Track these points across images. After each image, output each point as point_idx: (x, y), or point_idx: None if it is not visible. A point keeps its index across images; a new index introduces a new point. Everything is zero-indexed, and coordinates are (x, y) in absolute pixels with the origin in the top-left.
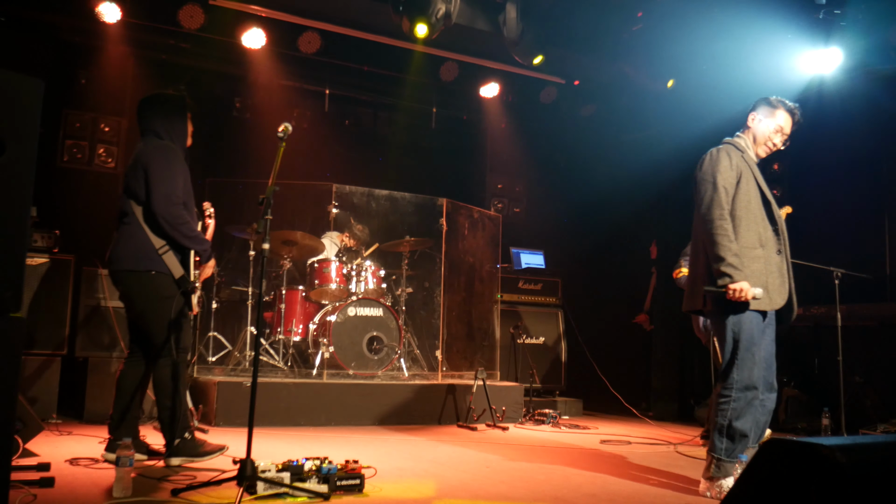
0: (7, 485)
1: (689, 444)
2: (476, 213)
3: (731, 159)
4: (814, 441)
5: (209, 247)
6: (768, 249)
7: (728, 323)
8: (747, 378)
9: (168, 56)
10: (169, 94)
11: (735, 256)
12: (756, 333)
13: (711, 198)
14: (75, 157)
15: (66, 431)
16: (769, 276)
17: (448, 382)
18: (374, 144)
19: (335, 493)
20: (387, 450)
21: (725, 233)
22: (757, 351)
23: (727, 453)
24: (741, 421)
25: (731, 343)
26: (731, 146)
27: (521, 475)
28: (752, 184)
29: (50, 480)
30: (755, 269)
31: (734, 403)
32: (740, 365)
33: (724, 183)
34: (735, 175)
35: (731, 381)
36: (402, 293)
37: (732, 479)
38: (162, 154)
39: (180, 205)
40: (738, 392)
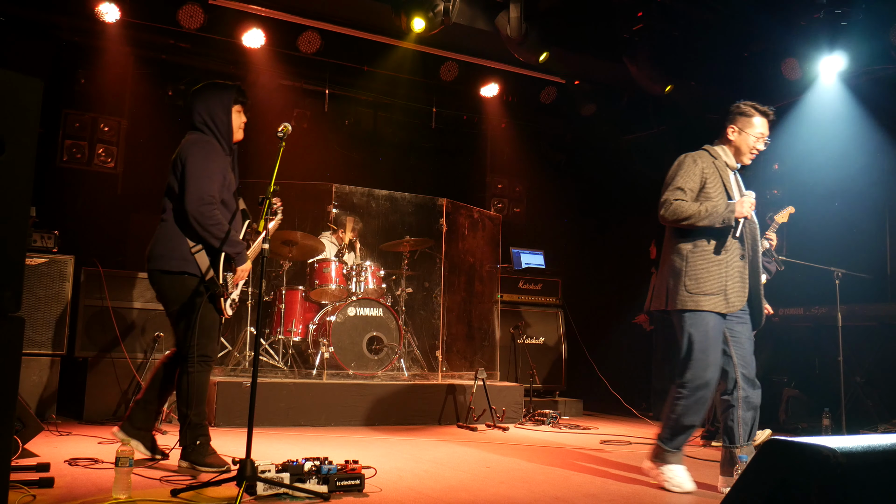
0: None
1: (689, 444)
2: (476, 213)
3: (697, 164)
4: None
5: (243, 249)
6: (731, 254)
7: (686, 324)
8: (701, 377)
9: (168, 56)
10: (216, 83)
11: (706, 205)
12: (712, 335)
13: (670, 193)
14: (75, 157)
15: (65, 432)
16: (729, 280)
17: (448, 382)
18: (373, 144)
19: (335, 493)
20: (386, 450)
21: (686, 204)
22: (711, 353)
23: (669, 443)
24: (689, 417)
25: (687, 343)
26: (703, 152)
27: (521, 475)
28: (718, 189)
29: (49, 480)
30: (715, 271)
31: (685, 401)
32: (694, 364)
33: (684, 185)
34: (699, 179)
35: (685, 379)
36: (402, 293)
37: (671, 466)
38: (199, 149)
39: (213, 204)
40: (691, 390)
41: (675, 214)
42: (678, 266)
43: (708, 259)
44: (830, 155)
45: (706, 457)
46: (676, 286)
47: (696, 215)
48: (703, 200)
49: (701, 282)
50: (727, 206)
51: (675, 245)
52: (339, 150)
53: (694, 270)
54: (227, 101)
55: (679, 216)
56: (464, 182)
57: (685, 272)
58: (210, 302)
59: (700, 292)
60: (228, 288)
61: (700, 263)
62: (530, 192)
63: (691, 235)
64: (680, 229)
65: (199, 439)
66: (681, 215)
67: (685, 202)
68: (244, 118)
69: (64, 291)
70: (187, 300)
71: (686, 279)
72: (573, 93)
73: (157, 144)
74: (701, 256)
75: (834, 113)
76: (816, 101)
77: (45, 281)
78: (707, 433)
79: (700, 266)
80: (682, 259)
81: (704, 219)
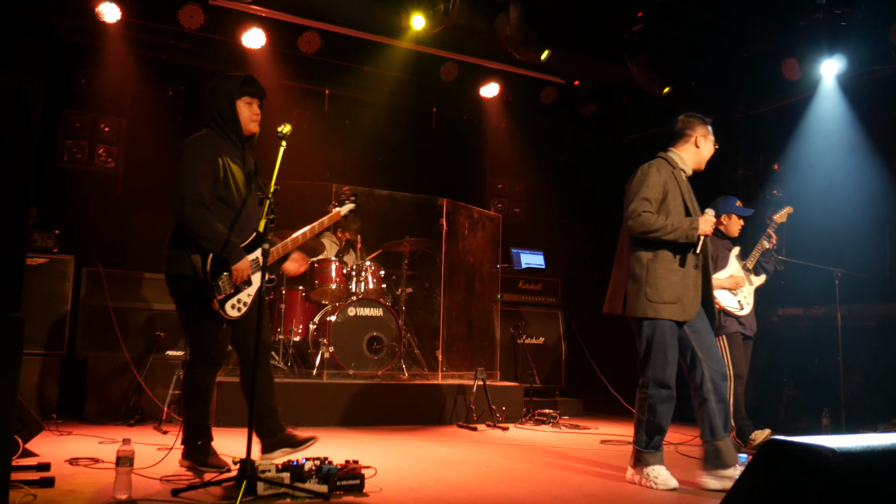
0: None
1: (689, 444)
2: (476, 213)
3: (661, 175)
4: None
5: (233, 247)
6: (688, 264)
7: (645, 330)
8: (661, 377)
9: (168, 56)
10: (226, 75)
11: (677, 223)
12: (669, 338)
13: (638, 205)
14: (75, 158)
15: (66, 431)
16: (685, 290)
17: (448, 382)
18: (373, 144)
19: (335, 493)
20: (387, 450)
21: (656, 218)
22: (669, 353)
23: (645, 445)
24: (658, 416)
25: (645, 345)
26: (663, 161)
27: (522, 475)
28: (678, 200)
29: (50, 480)
30: (673, 280)
31: (650, 401)
32: (653, 365)
33: (650, 195)
34: (661, 191)
35: (646, 380)
36: (402, 293)
37: (654, 466)
38: (189, 150)
39: (197, 204)
40: (654, 390)
41: (643, 227)
42: (638, 273)
43: (667, 269)
44: (829, 155)
45: None
46: (637, 293)
47: (663, 229)
48: (664, 212)
49: (660, 290)
50: (691, 224)
51: (635, 252)
52: (339, 150)
53: (654, 279)
54: (232, 93)
55: (647, 229)
56: (464, 182)
57: (645, 280)
58: (204, 304)
59: (660, 301)
60: (224, 289)
61: (660, 272)
62: (530, 192)
63: (653, 245)
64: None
65: (201, 440)
66: (649, 228)
67: (653, 214)
68: (256, 110)
69: (64, 291)
70: (184, 302)
71: (646, 287)
72: (573, 93)
73: (157, 145)
74: (661, 266)
75: (833, 113)
76: (816, 102)
77: (45, 281)
78: None
79: (660, 275)
80: (643, 267)
81: (670, 234)
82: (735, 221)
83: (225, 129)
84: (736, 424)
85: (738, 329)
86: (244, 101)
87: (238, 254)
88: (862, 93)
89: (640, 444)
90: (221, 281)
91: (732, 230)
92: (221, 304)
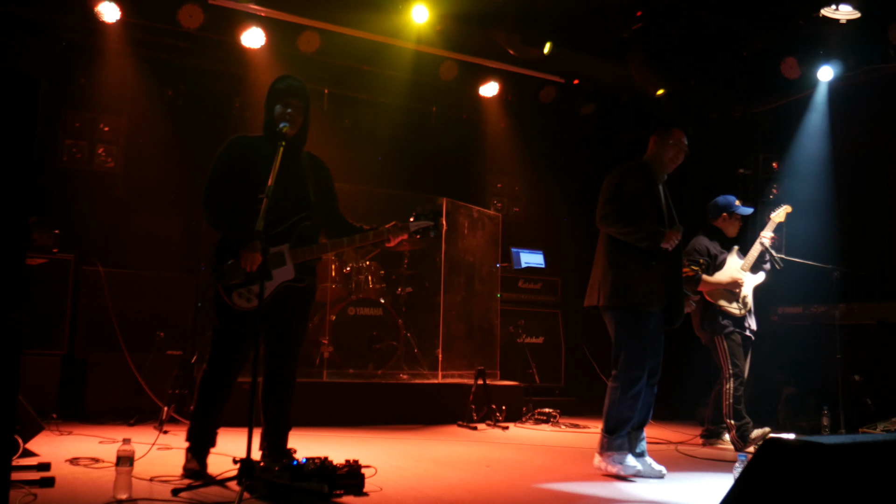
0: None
1: (690, 443)
2: (476, 213)
3: (635, 178)
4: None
5: (238, 231)
6: (658, 261)
7: (619, 323)
8: (633, 371)
9: (167, 56)
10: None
11: (644, 230)
12: (642, 332)
13: (609, 206)
14: (75, 157)
15: (66, 431)
16: (654, 284)
17: (448, 382)
18: (373, 144)
19: (335, 492)
20: (387, 449)
21: (627, 223)
22: (646, 345)
23: (613, 433)
24: (626, 405)
25: (617, 336)
26: (637, 166)
27: (522, 475)
28: (649, 199)
29: (50, 480)
30: (646, 276)
31: (619, 392)
32: (627, 359)
33: (621, 197)
34: (633, 191)
35: (618, 370)
36: (402, 292)
37: (620, 454)
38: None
39: (210, 193)
40: (624, 379)
41: (612, 226)
42: (612, 268)
43: (639, 265)
44: (829, 153)
45: (705, 456)
46: (610, 286)
47: (630, 235)
48: (636, 216)
49: (632, 285)
50: (657, 235)
51: (609, 247)
52: (338, 149)
53: (627, 273)
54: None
55: (614, 228)
56: (463, 181)
57: (618, 274)
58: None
59: (632, 294)
60: (227, 276)
61: (631, 268)
62: (530, 191)
63: (626, 243)
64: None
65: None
66: (616, 228)
67: (622, 218)
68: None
69: (64, 291)
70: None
71: (619, 281)
72: (573, 92)
73: (157, 144)
74: (633, 260)
75: (832, 111)
76: (815, 100)
77: (45, 281)
78: (707, 432)
79: (631, 270)
80: (616, 262)
81: (636, 241)
82: (733, 222)
83: (264, 131)
84: (735, 423)
85: (737, 329)
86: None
87: (246, 239)
88: (861, 90)
89: (608, 432)
90: (228, 266)
91: (731, 230)
92: (227, 292)
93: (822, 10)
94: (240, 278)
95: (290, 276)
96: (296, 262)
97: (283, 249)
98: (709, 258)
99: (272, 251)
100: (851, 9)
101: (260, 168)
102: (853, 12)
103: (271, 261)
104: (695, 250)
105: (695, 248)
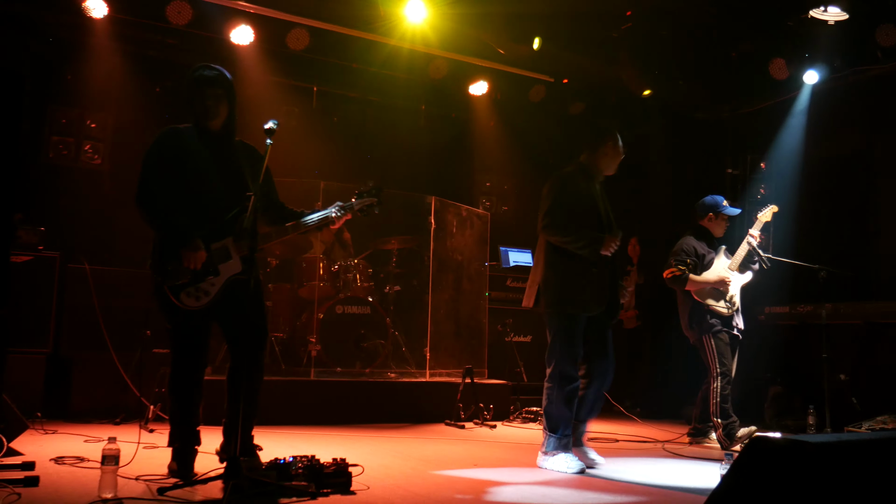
0: None
1: (677, 441)
2: (464, 211)
3: (576, 185)
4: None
5: (181, 232)
6: (597, 266)
7: (556, 325)
8: (567, 368)
9: (155, 52)
10: (195, 68)
11: (583, 238)
12: (576, 332)
13: (550, 216)
14: (61, 154)
15: (50, 430)
16: (590, 287)
17: (436, 380)
18: (362, 142)
19: (322, 491)
20: (374, 448)
21: (567, 232)
22: (575, 345)
23: (553, 430)
24: (564, 404)
25: (552, 338)
26: (576, 171)
27: (509, 473)
28: (588, 204)
29: (34, 479)
30: (583, 280)
31: (556, 391)
32: (562, 359)
33: (562, 206)
34: (572, 197)
35: (553, 371)
36: (390, 291)
37: (561, 453)
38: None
39: (144, 191)
40: (561, 380)
41: (552, 235)
42: (551, 272)
43: (577, 270)
44: (816, 154)
45: (692, 454)
46: (549, 290)
47: (570, 242)
48: (576, 223)
49: (570, 288)
50: (596, 242)
51: (549, 252)
52: (327, 147)
53: (566, 278)
54: (189, 88)
55: (556, 237)
56: (452, 180)
57: (557, 279)
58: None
59: (570, 298)
60: (172, 277)
61: (569, 273)
62: (518, 190)
63: (566, 249)
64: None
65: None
66: (558, 237)
67: (562, 225)
68: (211, 103)
69: (50, 289)
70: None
71: (558, 285)
72: (562, 91)
73: (144, 141)
74: (571, 267)
75: (819, 112)
76: (803, 101)
77: (30, 278)
78: (694, 430)
79: (570, 275)
80: (555, 266)
81: (577, 249)
82: (720, 222)
83: (198, 123)
84: (722, 422)
85: (725, 328)
86: (213, 95)
87: (183, 239)
88: (848, 92)
89: (550, 431)
90: (173, 266)
91: (717, 230)
92: (175, 292)
93: (811, 12)
94: (186, 278)
95: (237, 270)
96: (241, 255)
97: (227, 243)
98: (696, 258)
99: (216, 246)
100: (839, 10)
101: (190, 163)
102: (841, 14)
103: (216, 256)
104: (682, 250)
105: (682, 249)
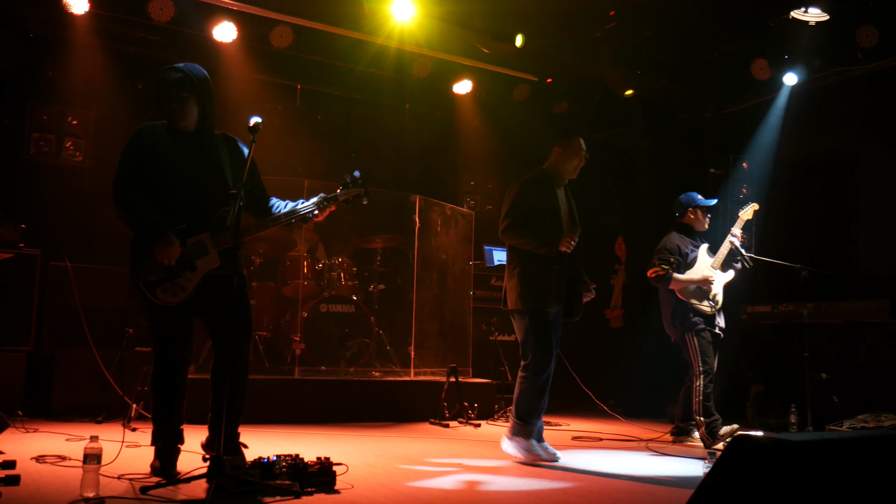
0: None
1: (660, 440)
2: (449, 210)
3: (536, 190)
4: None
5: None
6: (559, 263)
7: (527, 321)
8: (541, 362)
9: (137, 49)
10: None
11: (538, 238)
12: (547, 324)
13: (507, 219)
14: (42, 151)
15: (31, 428)
16: (552, 283)
17: (420, 379)
18: (346, 140)
19: (306, 490)
20: (358, 447)
21: (523, 234)
22: (549, 341)
23: (520, 417)
24: (536, 398)
25: (524, 333)
26: (536, 177)
27: (494, 471)
28: (548, 207)
29: (15, 478)
30: (545, 278)
31: (529, 382)
32: (535, 352)
33: (521, 209)
34: (531, 204)
35: (530, 364)
36: (375, 290)
37: (527, 440)
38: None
39: (119, 188)
40: (534, 374)
41: (512, 238)
42: (516, 274)
43: (540, 269)
44: (797, 154)
45: (675, 452)
46: (515, 292)
47: (527, 244)
48: (535, 225)
49: (535, 289)
50: (553, 241)
51: (513, 255)
52: (311, 145)
53: (530, 276)
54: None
55: (516, 240)
56: (437, 179)
57: (522, 280)
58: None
59: (535, 292)
60: (147, 274)
61: (533, 272)
62: (503, 189)
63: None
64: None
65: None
66: (518, 240)
67: (522, 228)
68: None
69: (31, 286)
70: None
71: (523, 286)
72: (546, 91)
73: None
74: (534, 266)
75: (801, 112)
76: (784, 101)
77: (11, 276)
78: (676, 429)
79: (534, 273)
80: (520, 266)
81: (534, 249)
82: (701, 216)
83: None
84: (705, 420)
85: (708, 326)
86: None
87: (162, 235)
88: (829, 92)
89: (518, 418)
90: (146, 262)
91: (700, 225)
92: (150, 289)
93: (792, 13)
94: (161, 274)
95: (215, 265)
96: (219, 249)
97: (203, 238)
98: (679, 257)
99: (191, 241)
100: (820, 11)
101: (165, 159)
102: (822, 14)
103: (192, 251)
104: (666, 249)
105: (666, 247)
